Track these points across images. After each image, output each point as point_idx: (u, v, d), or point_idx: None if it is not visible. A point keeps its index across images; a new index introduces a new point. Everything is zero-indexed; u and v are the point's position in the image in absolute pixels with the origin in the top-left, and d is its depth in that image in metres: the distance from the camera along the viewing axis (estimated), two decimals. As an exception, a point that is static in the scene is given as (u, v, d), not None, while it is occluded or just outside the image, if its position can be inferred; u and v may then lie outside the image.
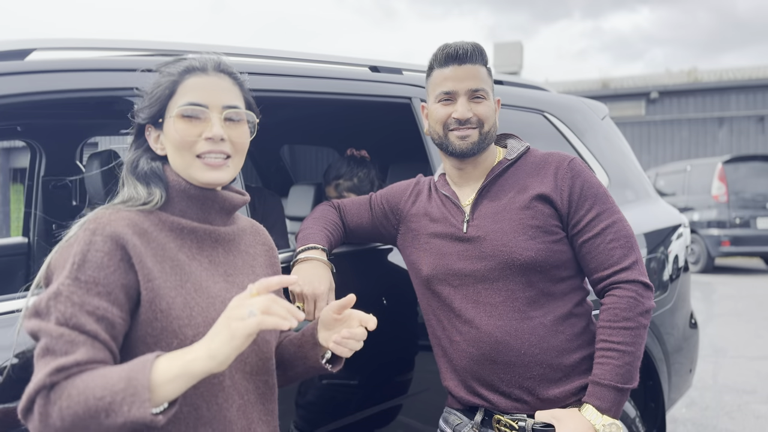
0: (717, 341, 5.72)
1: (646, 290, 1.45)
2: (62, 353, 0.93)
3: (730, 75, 17.42)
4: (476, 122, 1.50)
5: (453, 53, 1.50)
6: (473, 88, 1.50)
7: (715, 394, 4.31)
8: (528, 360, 1.46)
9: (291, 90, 1.84)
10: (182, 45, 1.72)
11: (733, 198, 10.38)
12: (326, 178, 2.41)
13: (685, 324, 2.78)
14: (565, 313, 1.49)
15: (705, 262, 10.58)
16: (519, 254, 1.46)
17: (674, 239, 2.74)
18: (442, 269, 1.54)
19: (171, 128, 1.12)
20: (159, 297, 1.03)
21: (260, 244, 1.29)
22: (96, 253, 1.00)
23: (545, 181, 1.51)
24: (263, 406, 1.17)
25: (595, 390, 1.40)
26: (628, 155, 2.82)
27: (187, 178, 1.14)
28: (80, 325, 0.95)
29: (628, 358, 1.39)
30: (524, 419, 1.47)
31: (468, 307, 1.50)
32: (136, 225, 1.07)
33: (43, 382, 0.91)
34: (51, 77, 1.40)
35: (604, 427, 1.37)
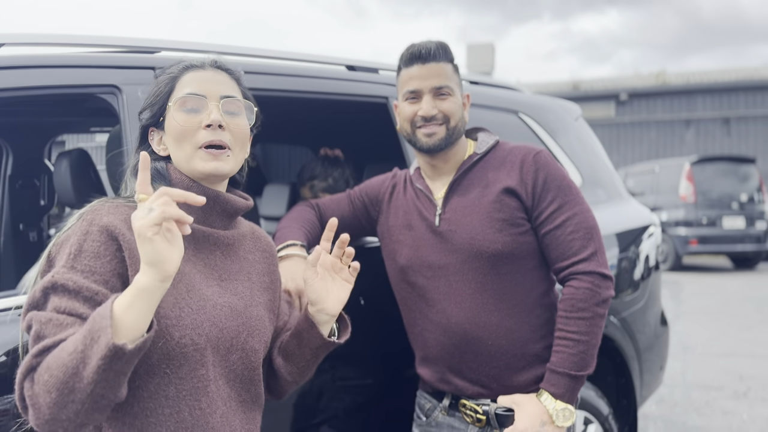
0: (685, 339, 5.84)
1: (603, 281, 1.49)
2: (48, 336, 0.92)
3: (697, 78, 17.80)
4: (442, 118, 1.55)
5: (417, 53, 1.55)
6: (437, 86, 1.54)
7: (683, 390, 4.39)
8: (495, 350, 1.53)
9: (266, 88, 1.82)
10: (154, 41, 1.69)
11: (700, 198, 10.62)
12: (300, 179, 2.38)
13: (656, 322, 2.83)
14: (530, 304, 1.55)
15: (673, 261, 10.80)
16: (487, 246, 1.51)
17: (645, 239, 2.79)
18: (416, 261, 1.59)
19: (171, 120, 1.12)
20: None
21: (260, 250, 1.27)
22: (92, 243, 1.00)
23: (511, 175, 1.56)
24: (245, 414, 1.15)
25: (551, 377, 1.47)
26: (601, 156, 2.86)
27: (189, 171, 1.13)
28: (73, 309, 0.95)
29: (583, 347, 1.46)
30: (487, 404, 1.55)
31: (440, 298, 1.56)
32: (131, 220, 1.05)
33: (29, 364, 0.90)
34: (20, 73, 1.36)
35: (557, 412, 1.45)
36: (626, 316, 2.52)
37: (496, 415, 1.53)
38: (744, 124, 16.54)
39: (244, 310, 1.14)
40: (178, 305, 1.04)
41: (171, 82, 1.15)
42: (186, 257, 1.10)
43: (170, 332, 1.01)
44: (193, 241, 1.12)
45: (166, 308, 1.02)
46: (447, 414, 1.63)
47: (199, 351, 1.04)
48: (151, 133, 1.18)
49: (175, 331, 1.02)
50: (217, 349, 1.07)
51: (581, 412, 2.19)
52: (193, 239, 1.12)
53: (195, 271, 1.10)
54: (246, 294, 1.17)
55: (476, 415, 1.56)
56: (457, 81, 1.60)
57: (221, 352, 1.09)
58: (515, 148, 1.62)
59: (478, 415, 1.55)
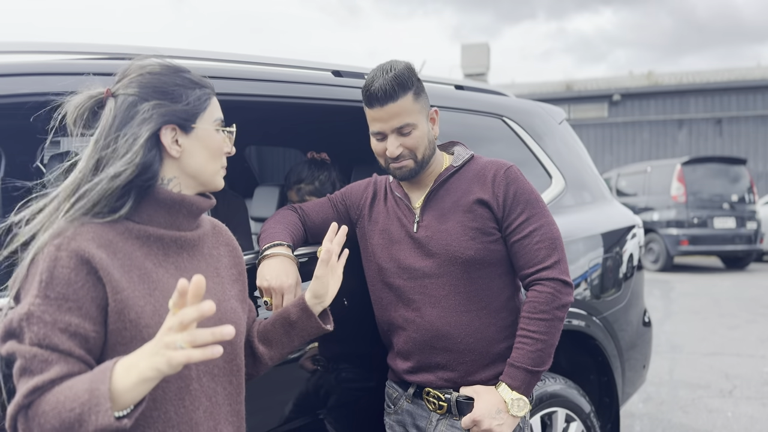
0: (674, 338, 5.91)
1: (564, 287, 1.61)
2: (37, 372, 0.97)
3: (689, 78, 17.92)
4: (408, 154, 1.63)
5: (374, 95, 1.58)
6: (398, 126, 1.60)
7: (670, 389, 4.45)
8: (463, 348, 1.65)
9: (255, 94, 1.87)
10: (143, 49, 1.73)
11: (691, 198, 10.69)
12: (287, 182, 2.42)
13: (638, 321, 2.88)
14: (498, 307, 1.68)
15: (664, 261, 10.87)
16: (461, 253, 1.63)
17: (629, 239, 2.84)
18: (394, 264, 1.69)
19: (213, 136, 1.21)
20: (128, 307, 1.05)
21: (223, 244, 1.32)
22: (62, 270, 1.02)
23: (484, 188, 1.67)
24: (230, 407, 1.20)
25: (510, 371, 1.60)
26: (585, 158, 2.91)
27: (208, 183, 1.23)
28: (53, 345, 0.99)
29: (541, 345, 1.58)
30: (450, 392, 1.67)
31: (416, 298, 1.67)
32: (100, 237, 1.08)
33: (20, 402, 0.96)
34: (14, 81, 1.40)
35: (512, 402, 1.58)
36: (608, 315, 2.57)
37: (457, 403, 1.65)
38: (736, 124, 16.66)
39: (218, 305, 1.19)
40: (157, 313, 1.08)
41: (208, 99, 1.22)
42: (157, 262, 1.14)
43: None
44: (162, 247, 1.16)
45: (146, 317, 1.06)
46: (411, 402, 1.74)
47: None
48: (165, 128, 1.16)
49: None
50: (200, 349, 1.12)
51: (563, 410, 2.25)
52: (162, 244, 1.16)
53: (168, 275, 1.14)
54: (218, 290, 1.22)
55: (439, 403, 1.68)
56: (420, 107, 1.63)
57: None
58: (489, 162, 1.72)
59: (441, 403, 1.67)
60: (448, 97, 2.41)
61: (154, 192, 1.16)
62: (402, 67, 1.61)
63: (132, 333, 1.05)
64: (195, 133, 1.18)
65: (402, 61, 1.64)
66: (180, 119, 1.16)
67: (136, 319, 1.06)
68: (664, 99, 17.15)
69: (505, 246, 1.67)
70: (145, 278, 1.10)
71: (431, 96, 2.30)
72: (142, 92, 1.15)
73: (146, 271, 1.11)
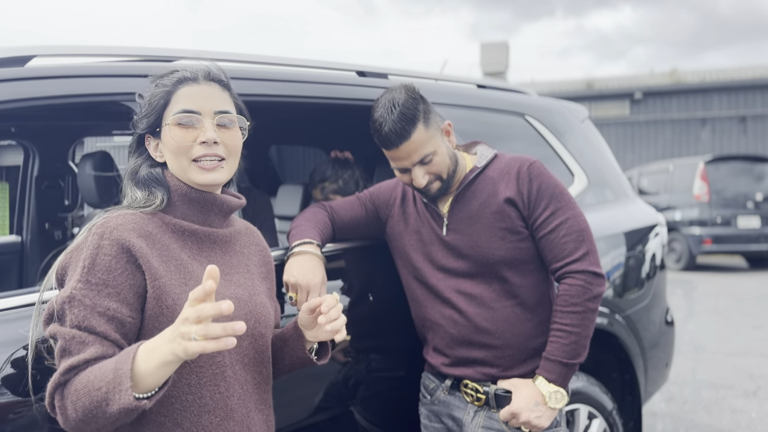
0: (696, 338, 5.85)
1: (595, 278, 1.63)
2: (75, 352, 1.03)
3: (712, 76, 17.67)
4: (435, 178, 1.66)
5: (387, 139, 1.60)
6: (419, 159, 1.61)
7: (693, 389, 4.42)
8: (501, 343, 1.68)
9: (280, 95, 1.90)
10: (172, 51, 1.78)
11: (714, 197, 10.54)
12: (312, 181, 2.47)
13: (661, 320, 2.87)
14: (534, 303, 1.71)
15: (687, 261, 10.74)
16: (492, 254, 1.66)
17: (651, 238, 2.83)
18: (427, 264, 1.73)
19: (168, 135, 1.19)
20: (165, 294, 1.11)
21: (254, 244, 1.36)
22: (104, 257, 1.08)
23: (510, 186, 1.68)
24: (259, 396, 1.25)
25: (546, 364, 1.63)
26: (607, 156, 2.90)
27: (186, 182, 1.22)
28: (91, 327, 1.04)
29: (575, 338, 1.61)
30: (488, 385, 1.70)
31: (452, 296, 1.70)
32: (140, 228, 1.14)
33: (57, 380, 1.02)
34: (49, 83, 1.45)
35: (550, 395, 1.61)
36: (631, 313, 2.57)
37: (495, 396, 1.68)
38: (761, 122, 16.39)
39: (249, 299, 1.23)
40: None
41: (166, 96, 1.20)
42: (192, 255, 1.19)
43: None
44: (196, 241, 1.22)
45: (182, 304, 1.11)
46: (448, 393, 1.78)
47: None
48: (147, 138, 1.24)
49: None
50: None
51: (585, 407, 2.26)
52: (196, 239, 1.21)
53: (201, 268, 1.19)
54: (248, 285, 1.26)
55: (476, 395, 1.70)
56: (433, 131, 1.63)
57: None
58: (512, 159, 1.73)
59: (479, 395, 1.70)
60: (470, 96, 2.43)
61: (186, 192, 1.21)
62: (403, 98, 1.60)
63: (168, 318, 1.10)
64: (161, 136, 1.21)
65: (401, 89, 1.63)
66: (147, 128, 1.22)
67: (172, 305, 1.11)
68: (686, 97, 16.92)
69: (534, 243, 1.69)
70: (181, 268, 1.15)
71: (453, 96, 2.34)
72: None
73: (182, 262, 1.16)
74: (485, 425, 1.69)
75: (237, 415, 1.17)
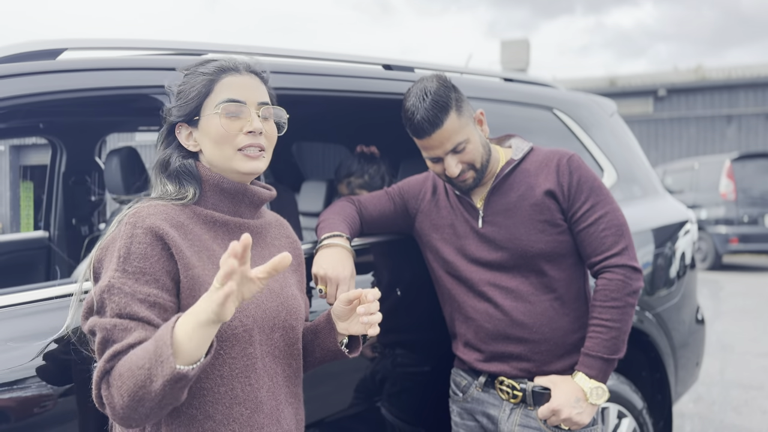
0: (724, 338, 5.75)
1: (634, 273, 1.62)
2: (118, 340, 1.01)
3: (738, 72, 17.35)
4: (468, 167, 1.63)
5: (419, 128, 1.58)
6: (452, 148, 1.59)
7: (722, 389, 4.34)
8: (539, 337, 1.66)
9: (306, 88, 1.89)
10: (202, 44, 1.78)
11: (741, 196, 10.36)
12: (337, 176, 2.46)
13: (691, 319, 2.82)
14: (571, 297, 1.69)
15: (713, 260, 10.57)
16: (531, 246, 1.64)
17: (681, 235, 2.78)
18: (461, 257, 1.71)
19: (213, 124, 1.18)
20: (198, 284, 1.10)
21: (284, 236, 1.36)
22: (139, 245, 1.07)
23: (549, 178, 1.66)
24: (289, 389, 1.24)
25: (586, 360, 1.61)
26: (637, 152, 2.86)
27: (226, 171, 1.20)
28: (134, 313, 1.03)
29: (615, 333, 1.59)
30: (525, 382, 1.67)
31: (487, 289, 1.68)
32: (172, 218, 1.13)
33: (102, 368, 1.00)
34: (81, 76, 1.45)
35: (591, 390, 1.59)
36: (661, 311, 2.52)
37: (532, 393, 1.65)
38: (789, 119, 16.08)
39: (280, 290, 1.23)
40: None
41: (209, 84, 1.19)
42: (223, 245, 1.19)
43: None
44: (228, 232, 1.21)
45: None
46: (482, 390, 1.74)
47: (248, 331, 1.13)
48: (179, 128, 1.23)
49: None
50: (262, 329, 1.16)
51: (615, 406, 2.22)
52: (227, 230, 1.21)
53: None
54: (279, 276, 1.25)
55: (513, 392, 1.67)
56: (466, 120, 1.61)
57: (266, 331, 1.17)
58: (550, 152, 1.72)
59: (515, 392, 1.67)
60: (496, 89, 2.40)
61: (217, 182, 1.20)
62: (435, 86, 1.58)
63: None
64: (200, 125, 1.20)
65: (432, 78, 1.62)
66: (185, 115, 1.20)
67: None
68: (711, 94, 16.64)
69: (572, 236, 1.67)
70: (213, 259, 1.15)
71: (480, 89, 2.31)
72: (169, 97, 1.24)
73: (214, 252, 1.16)
74: (522, 423, 1.66)
75: (266, 407, 1.16)
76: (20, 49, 1.45)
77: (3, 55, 1.43)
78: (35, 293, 1.35)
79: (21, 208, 18.12)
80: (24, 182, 18.52)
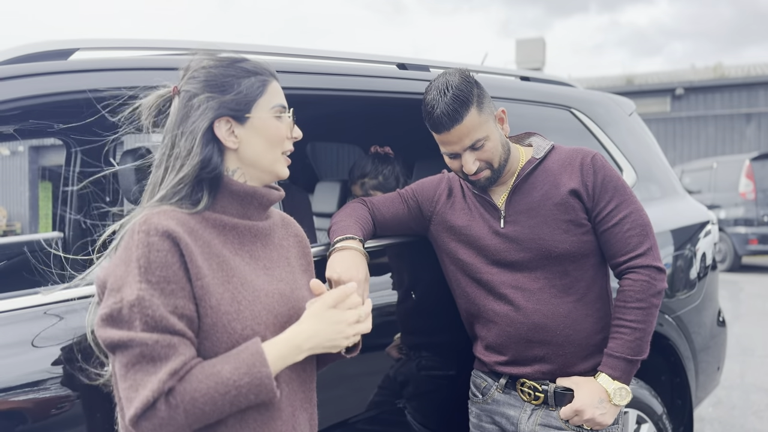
0: (744, 340, 5.66)
1: (658, 273, 1.61)
2: (165, 357, 0.98)
3: (757, 70, 17.11)
4: (486, 165, 1.61)
5: (439, 122, 1.56)
6: (471, 144, 1.57)
7: (742, 393, 4.26)
8: (562, 340, 1.63)
9: (320, 88, 1.87)
10: (214, 44, 1.76)
11: (761, 195, 10.21)
12: (351, 176, 2.43)
13: (712, 322, 2.76)
14: (593, 298, 1.66)
15: (732, 261, 10.43)
16: (555, 247, 1.61)
17: (702, 236, 2.72)
18: (481, 259, 1.67)
19: (272, 125, 1.19)
20: (208, 294, 1.07)
21: (292, 235, 1.33)
22: (158, 253, 1.03)
23: (573, 177, 1.63)
24: (303, 393, 1.22)
25: (609, 361, 1.59)
26: (656, 152, 2.81)
27: (265, 172, 1.21)
28: (171, 327, 1.00)
29: (639, 334, 1.57)
30: (547, 383, 1.65)
31: (508, 292, 1.64)
32: (184, 224, 1.10)
33: (160, 389, 0.96)
34: (93, 76, 1.44)
35: (614, 391, 1.57)
36: (681, 314, 2.48)
37: (554, 394, 1.63)
38: (809, 118, 15.82)
39: (291, 294, 1.20)
40: (236, 300, 1.09)
41: (263, 85, 1.19)
42: (233, 250, 1.16)
43: (233, 326, 1.07)
44: (238, 235, 1.18)
45: (225, 304, 1.08)
46: (503, 392, 1.72)
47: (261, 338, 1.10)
48: (219, 121, 1.16)
49: (237, 324, 1.08)
50: (275, 334, 1.13)
51: (634, 411, 2.17)
52: (237, 233, 1.18)
53: (243, 263, 1.16)
54: (289, 279, 1.23)
55: (534, 393, 1.65)
56: (486, 117, 1.58)
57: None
58: (573, 151, 1.69)
59: (537, 393, 1.65)
60: (513, 88, 2.37)
61: (226, 183, 1.17)
62: (457, 81, 1.55)
63: (212, 319, 1.06)
64: (251, 123, 1.17)
65: (455, 72, 1.59)
66: (232, 110, 1.16)
67: (216, 305, 1.07)
68: (730, 92, 16.42)
69: (595, 236, 1.65)
70: (223, 265, 1.12)
71: (496, 88, 2.28)
72: (196, 87, 1.16)
73: (224, 258, 1.13)
74: (543, 422, 1.64)
75: (284, 414, 1.15)
76: (32, 49, 1.45)
77: (15, 56, 1.42)
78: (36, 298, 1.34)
79: (40, 208, 18.33)
80: (43, 182, 18.75)
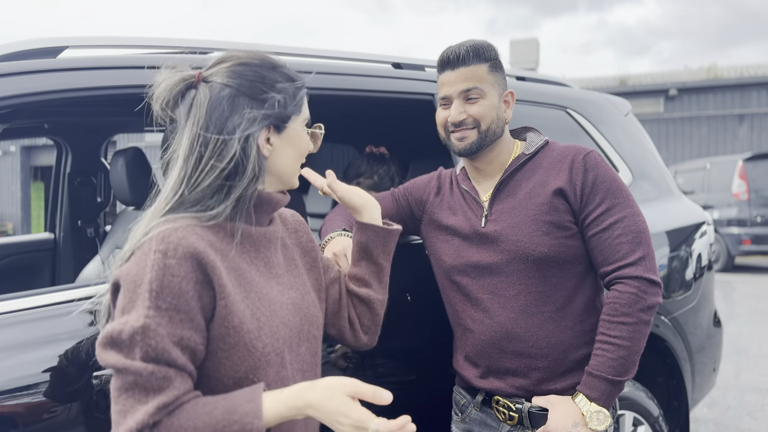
0: (738, 341, 5.66)
1: (651, 286, 1.45)
2: (157, 390, 0.93)
3: (750, 71, 17.19)
4: (472, 123, 1.53)
5: (446, 58, 1.54)
6: (464, 89, 1.52)
7: (736, 394, 4.27)
8: (535, 352, 1.51)
9: (314, 87, 1.83)
10: (207, 42, 1.74)
11: (753, 196, 10.25)
12: (346, 177, 2.41)
13: (708, 323, 2.76)
14: (576, 309, 1.53)
15: (725, 261, 10.46)
16: (532, 249, 1.49)
17: (697, 237, 2.72)
18: (461, 261, 1.58)
19: (305, 139, 1.19)
20: (231, 313, 1.02)
21: (291, 231, 1.30)
22: (173, 279, 0.97)
23: (561, 176, 1.52)
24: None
25: (588, 380, 1.45)
26: (652, 153, 2.80)
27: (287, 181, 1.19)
28: (171, 360, 0.95)
29: (623, 352, 1.42)
30: (521, 402, 1.54)
31: (484, 297, 1.55)
32: (207, 240, 1.04)
33: (146, 422, 0.92)
34: (82, 74, 1.42)
35: (591, 414, 1.42)
36: (677, 316, 2.47)
37: (529, 414, 1.52)
38: (802, 119, 15.90)
39: (301, 301, 1.18)
40: (255, 317, 1.05)
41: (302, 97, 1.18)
42: (249, 260, 1.11)
43: (254, 344, 1.04)
44: (253, 243, 1.13)
45: (247, 322, 1.03)
46: (479, 410, 1.63)
47: (280, 355, 1.08)
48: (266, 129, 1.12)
49: (258, 342, 1.04)
50: (290, 347, 1.12)
51: (630, 413, 2.16)
52: (252, 241, 1.13)
53: (258, 274, 1.11)
54: (299, 283, 1.21)
55: (509, 413, 1.55)
56: (494, 80, 1.55)
57: (294, 348, 1.13)
58: (565, 148, 1.58)
59: (511, 413, 1.55)
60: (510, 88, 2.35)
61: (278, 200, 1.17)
62: (484, 42, 1.56)
63: (234, 339, 1.02)
64: (286, 133, 1.14)
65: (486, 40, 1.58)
66: (278, 120, 1.12)
67: (239, 325, 1.02)
68: (723, 93, 16.48)
69: (584, 241, 1.52)
70: (241, 280, 1.07)
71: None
72: (242, 85, 1.08)
73: (242, 272, 1.08)
74: None
75: (298, 425, 1.12)
76: (20, 47, 1.42)
77: (2, 53, 1.39)
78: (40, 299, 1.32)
79: (32, 208, 18.22)
80: (35, 183, 18.64)
